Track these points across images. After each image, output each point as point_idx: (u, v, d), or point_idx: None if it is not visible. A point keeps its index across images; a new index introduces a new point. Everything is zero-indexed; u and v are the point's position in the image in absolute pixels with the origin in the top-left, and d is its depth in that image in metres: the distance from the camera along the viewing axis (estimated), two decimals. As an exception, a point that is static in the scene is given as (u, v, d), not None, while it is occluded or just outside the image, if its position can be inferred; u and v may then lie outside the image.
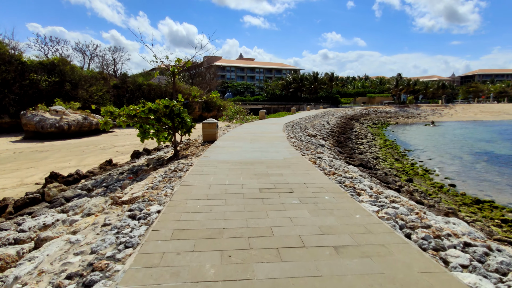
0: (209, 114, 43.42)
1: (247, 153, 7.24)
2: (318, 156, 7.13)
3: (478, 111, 65.53)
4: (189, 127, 7.67)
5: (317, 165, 5.98)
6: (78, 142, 24.47)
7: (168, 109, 7.10)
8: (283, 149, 7.91)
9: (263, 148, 8.07)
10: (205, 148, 8.20)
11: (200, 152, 7.63)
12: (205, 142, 9.62)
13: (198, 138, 11.32)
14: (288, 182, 4.67)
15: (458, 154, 22.00)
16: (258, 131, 13.20)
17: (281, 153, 7.21)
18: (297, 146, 8.78)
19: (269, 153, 7.20)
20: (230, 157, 6.68)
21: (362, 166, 11.42)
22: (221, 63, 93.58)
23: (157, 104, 7.08)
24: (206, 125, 9.88)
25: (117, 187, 6.07)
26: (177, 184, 4.56)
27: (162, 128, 7.93)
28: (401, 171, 16.29)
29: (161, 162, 8.04)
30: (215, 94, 8.99)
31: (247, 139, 10.27)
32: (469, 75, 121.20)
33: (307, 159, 6.41)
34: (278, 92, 71.03)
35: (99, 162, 15.58)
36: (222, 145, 8.78)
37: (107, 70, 58.33)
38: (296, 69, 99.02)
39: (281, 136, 11.05)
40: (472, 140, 29.16)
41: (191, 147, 9.30)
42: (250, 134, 11.81)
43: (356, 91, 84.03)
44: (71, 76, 38.82)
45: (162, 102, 7.08)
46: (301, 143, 10.01)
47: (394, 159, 19.37)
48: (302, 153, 7.46)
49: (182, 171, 5.52)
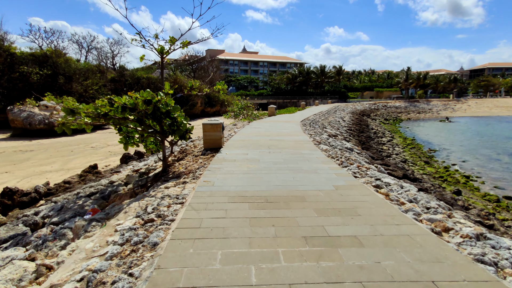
0: (212, 109, 41.04)
1: (270, 175, 4.87)
2: (375, 177, 4.78)
3: (493, 105, 62.74)
4: (183, 131, 5.34)
5: (394, 201, 3.58)
6: (68, 141, 22.38)
7: (150, 106, 4.79)
8: (321, 164, 5.57)
9: (291, 164, 5.69)
10: (206, 161, 5.88)
11: (199, 169, 5.30)
12: (206, 150, 7.30)
13: (198, 143, 8.93)
14: (387, 272, 2.19)
15: (492, 155, 19.60)
16: (273, 132, 10.80)
17: (322, 175, 4.82)
18: (334, 157, 6.43)
19: (305, 175, 4.82)
20: (245, 184, 4.31)
21: (407, 178, 9.12)
22: (224, 56, 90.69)
23: (133, 98, 4.77)
24: (208, 127, 7.28)
25: (64, 231, 3.79)
26: (145, 272, 2.19)
27: (148, 133, 5.64)
28: (437, 178, 13.97)
29: (144, 181, 5.76)
30: (220, 86, 6.62)
31: (263, 145, 7.93)
32: (479, 68, 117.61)
33: (371, 189, 4.00)
34: (283, 86, 68.38)
35: (86, 165, 13.47)
36: (231, 156, 6.43)
37: (105, 63, 56.02)
38: (301, 62, 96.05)
39: (304, 141, 8.66)
40: (501, 138, 26.74)
41: (188, 157, 6.96)
42: (265, 137, 9.46)
43: (363, 85, 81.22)
44: (65, 69, 36.70)
45: (141, 96, 4.76)
46: (333, 150, 7.66)
47: (424, 161, 17.09)
48: (350, 171, 5.12)
49: (164, 220, 3.09)
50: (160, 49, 5.81)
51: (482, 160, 17.83)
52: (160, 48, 5.83)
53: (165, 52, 5.88)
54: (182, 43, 6.48)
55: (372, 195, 3.76)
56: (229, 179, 4.64)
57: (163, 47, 5.86)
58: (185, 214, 3.15)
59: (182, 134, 5.43)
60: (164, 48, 5.85)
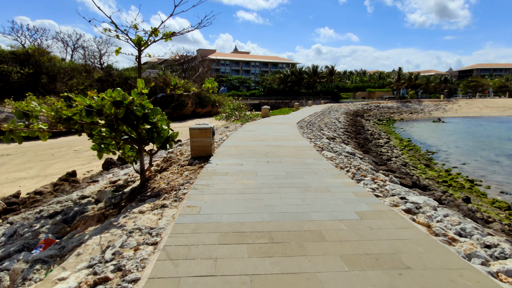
0: (203, 109, 39.87)
1: (273, 195, 3.88)
2: (398, 195, 3.90)
3: (483, 106, 63.32)
4: (164, 139, 4.33)
5: (441, 235, 2.61)
6: (51, 143, 21.04)
7: (121, 109, 3.80)
8: (332, 179, 4.65)
9: (296, 178, 4.72)
10: (193, 174, 4.90)
11: (183, 185, 4.31)
12: (194, 159, 6.27)
13: (186, 149, 7.88)
14: None
15: (491, 157, 19.16)
16: (270, 136, 9.83)
17: (338, 195, 3.87)
18: (342, 167, 5.53)
19: (316, 196, 3.85)
20: (242, 212, 3.33)
21: (417, 187, 8.33)
22: (215, 56, 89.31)
23: (96, 99, 3.77)
24: (196, 132, 6.22)
25: (0, 275, 2.78)
26: None
27: (122, 140, 4.65)
28: (441, 182, 13.34)
29: (118, 199, 4.76)
30: (209, 84, 5.63)
31: (259, 152, 6.98)
32: (467, 69, 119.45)
33: (405, 217, 3.09)
34: (275, 86, 67.56)
35: (66, 170, 12.33)
36: (222, 168, 5.46)
37: (92, 63, 54.19)
38: (293, 62, 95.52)
39: (305, 146, 7.73)
40: (495, 139, 26.51)
41: (172, 167, 5.95)
42: (261, 143, 8.49)
43: (355, 85, 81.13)
44: (48, 68, 35.20)
45: (108, 96, 3.77)
46: (338, 157, 6.78)
47: (424, 165, 16.47)
48: (367, 187, 4.23)
49: (123, 279, 2.07)
50: (137, 40, 4.81)
51: (482, 163, 17.34)
52: (137, 38, 4.83)
53: (143, 43, 4.88)
54: (164, 34, 5.48)
55: (412, 228, 2.84)
56: (220, 202, 3.64)
57: (141, 38, 4.85)
58: (155, 268, 2.18)
59: (163, 142, 4.45)
60: (142, 39, 4.85)
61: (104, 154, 5.54)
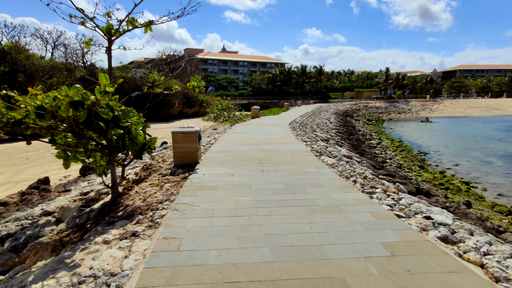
0: (191, 110, 38.75)
1: (272, 219, 3.14)
2: (421, 213, 3.24)
3: (467, 106, 64.69)
4: (138, 146, 3.50)
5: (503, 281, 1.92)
6: (27, 146, 19.59)
7: (82, 112, 2.98)
8: (341, 193, 3.94)
9: (298, 193, 3.98)
10: (175, 188, 4.08)
11: (162, 203, 3.51)
12: (178, 167, 5.46)
13: (169, 154, 7.00)
14: None
15: (483, 158, 19.07)
16: (262, 139, 9.03)
17: (353, 217, 3.18)
18: (348, 176, 4.84)
19: (327, 220, 3.14)
20: (234, 247, 2.57)
21: (420, 193, 7.78)
22: (203, 55, 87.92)
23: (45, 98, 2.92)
24: (180, 136, 5.43)
25: None
26: None
27: (88, 148, 3.83)
28: (438, 185, 12.97)
29: (84, 219, 3.92)
30: (195, 82, 4.83)
31: (252, 158, 6.23)
32: (451, 70, 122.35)
33: (448, 251, 2.32)
34: (264, 86, 66.92)
35: (40, 176, 11.21)
36: (210, 179, 4.68)
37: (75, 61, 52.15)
38: (281, 62, 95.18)
39: (302, 151, 6.99)
40: (484, 139, 26.71)
41: (152, 176, 5.10)
42: (253, 147, 7.75)
43: (343, 85, 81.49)
44: (26, 66, 33.54)
45: (63, 95, 2.93)
46: (338, 162, 6.11)
47: (418, 166, 16.13)
48: (382, 202, 3.55)
49: None
50: (106, 28, 3.97)
51: (474, 164, 17.17)
52: (107, 26, 3.99)
53: (114, 32, 4.04)
54: (142, 24, 4.66)
55: (465, 272, 2.12)
56: (206, 231, 2.86)
57: (111, 26, 4.02)
58: None
59: (138, 150, 3.63)
60: (113, 27, 4.01)
61: (72, 163, 4.68)
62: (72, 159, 4.60)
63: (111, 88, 3.09)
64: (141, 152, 3.65)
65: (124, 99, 4.02)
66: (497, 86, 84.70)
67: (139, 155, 3.66)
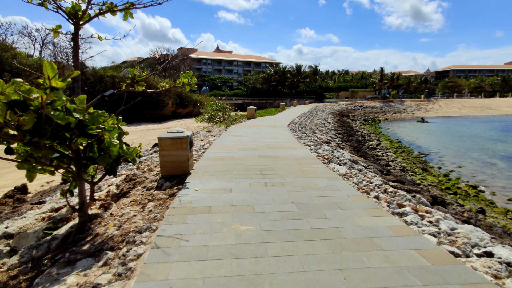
0: (184, 110, 37.75)
1: (287, 263, 2.29)
2: (488, 255, 2.52)
3: (461, 106, 64.88)
4: (111, 159, 2.65)
5: None
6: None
7: (28, 116, 2.20)
8: (368, 217, 3.15)
9: (314, 218, 3.18)
10: (160, 208, 3.27)
11: (142, 233, 2.71)
12: (165, 179, 4.65)
13: (158, 162, 6.10)
14: None
15: (485, 159, 18.62)
16: (261, 143, 8.23)
17: (395, 257, 2.37)
18: (367, 190, 4.11)
19: (362, 262, 2.31)
20: None
21: (436, 203, 7.12)
22: (197, 55, 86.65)
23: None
24: (167, 143, 4.64)
25: None
26: None
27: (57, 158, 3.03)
28: (444, 189, 12.40)
29: (43, 250, 3.12)
30: (186, 78, 4.02)
31: (252, 167, 5.43)
32: (444, 70, 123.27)
33: None
34: (259, 86, 66.14)
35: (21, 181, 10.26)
36: (203, 198, 3.83)
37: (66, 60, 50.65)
38: (276, 62, 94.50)
39: (307, 158, 6.24)
40: (482, 140, 26.39)
41: (134, 192, 4.26)
42: (252, 152, 6.96)
43: (338, 85, 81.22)
44: (11, 64, 32.37)
45: None
46: (350, 170, 5.36)
47: (421, 169, 15.58)
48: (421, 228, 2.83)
49: None
50: (71, 10, 3.15)
51: (477, 165, 16.68)
52: (72, 7, 3.17)
53: (82, 15, 3.23)
54: (121, 9, 3.84)
55: None
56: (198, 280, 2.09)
57: (78, 7, 3.20)
58: None
59: (111, 164, 2.81)
60: (80, 9, 3.20)
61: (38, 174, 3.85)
62: (37, 170, 3.75)
63: (60, 83, 2.29)
64: (115, 167, 2.84)
65: (95, 100, 3.21)
66: (490, 86, 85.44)
67: (112, 171, 2.85)
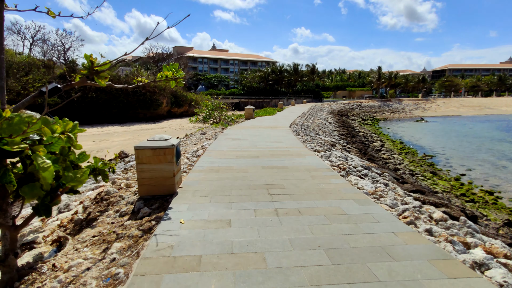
0: (179, 109, 36.58)
1: None
2: None
3: (460, 105, 64.54)
4: (43, 192, 1.69)
5: None
6: None
7: None
8: (444, 280, 1.97)
9: (359, 280, 2.02)
10: (130, 249, 2.25)
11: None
12: (144, 201, 3.57)
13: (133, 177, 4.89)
14: None
15: (494, 161, 17.84)
16: (263, 149, 7.22)
17: None
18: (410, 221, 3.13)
19: None
20: None
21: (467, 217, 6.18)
22: (193, 54, 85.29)
23: None
24: (147, 154, 3.55)
25: None
26: None
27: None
28: (459, 196, 11.54)
29: None
30: (168, 71, 3.00)
31: (256, 184, 4.32)
32: (440, 69, 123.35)
33: None
34: (255, 85, 65.07)
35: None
36: (190, 236, 2.71)
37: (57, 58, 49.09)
38: (273, 61, 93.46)
39: (320, 168, 5.19)
40: (487, 140, 25.71)
41: (103, 219, 3.20)
42: (254, 161, 5.90)
43: (335, 84, 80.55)
44: (-3, 62, 30.78)
45: None
46: (375, 185, 4.39)
47: (430, 172, 14.74)
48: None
49: None
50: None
51: (487, 168, 15.87)
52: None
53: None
54: None
55: None
56: None
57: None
58: None
59: (42, 199, 1.82)
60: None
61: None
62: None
63: None
64: (50, 204, 1.82)
65: (28, 98, 2.18)
66: (487, 85, 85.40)
67: (46, 210, 1.82)
